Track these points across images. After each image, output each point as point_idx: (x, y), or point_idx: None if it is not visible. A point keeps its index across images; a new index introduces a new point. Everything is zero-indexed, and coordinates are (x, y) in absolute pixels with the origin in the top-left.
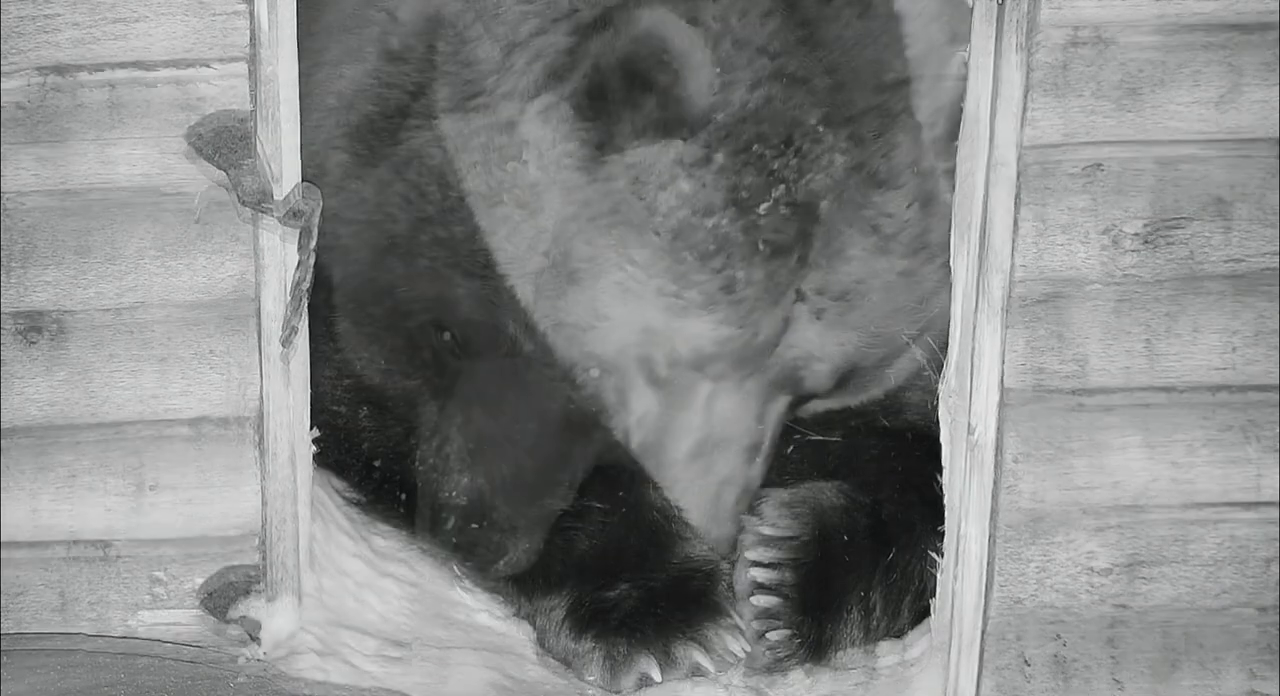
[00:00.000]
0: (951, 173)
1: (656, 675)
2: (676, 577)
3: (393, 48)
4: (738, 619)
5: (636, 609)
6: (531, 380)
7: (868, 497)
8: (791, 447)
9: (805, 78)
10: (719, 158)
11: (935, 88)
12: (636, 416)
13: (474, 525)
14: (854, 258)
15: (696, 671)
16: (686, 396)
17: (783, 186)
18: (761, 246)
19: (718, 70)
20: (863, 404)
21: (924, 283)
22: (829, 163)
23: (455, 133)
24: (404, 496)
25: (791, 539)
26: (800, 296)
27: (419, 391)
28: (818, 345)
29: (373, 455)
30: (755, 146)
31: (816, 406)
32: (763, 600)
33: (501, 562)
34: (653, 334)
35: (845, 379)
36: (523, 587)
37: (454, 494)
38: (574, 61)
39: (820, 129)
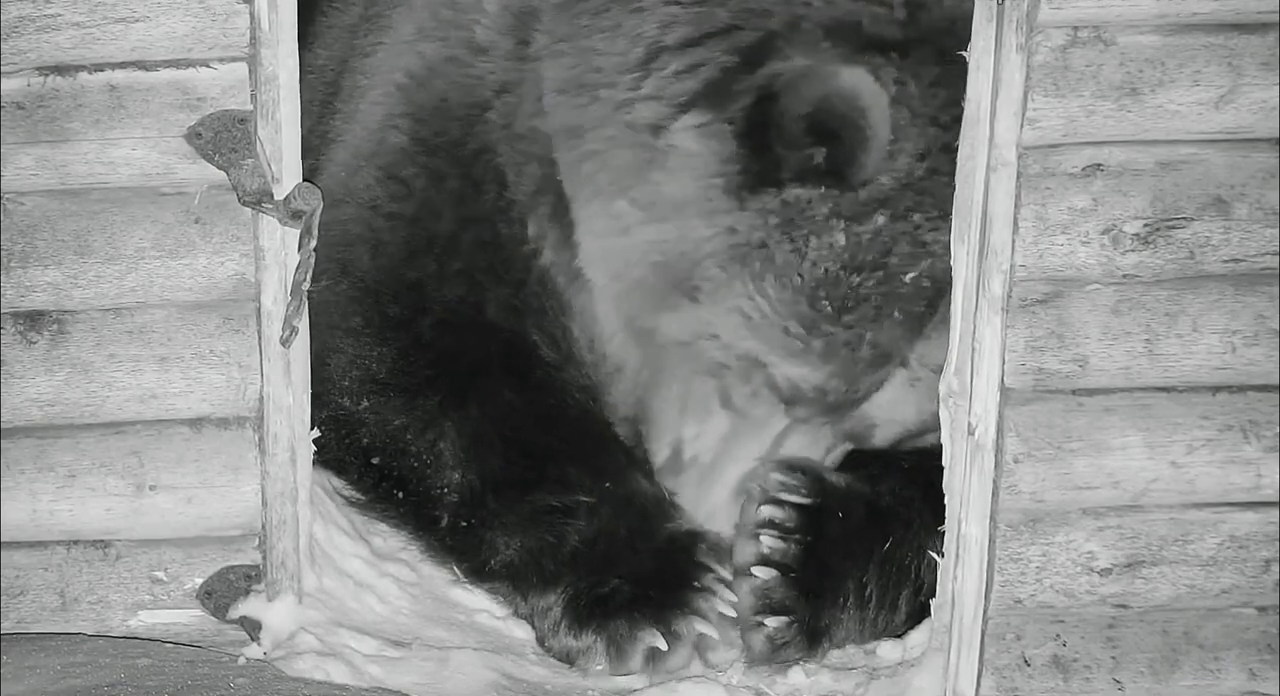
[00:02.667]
0: None
1: (662, 644)
2: (662, 556)
3: (477, 39)
4: (721, 570)
5: (631, 598)
6: (540, 379)
7: (867, 487)
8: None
9: None
10: (879, 220)
11: None
12: (695, 432)
13: (465, 523)
14: None
15: (700, 643)
16: (760, 427)
17: (930, 260)
18: (896, 313)
19: (891, 136)
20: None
21: None
22: None
23: (564, 115)
24: (401, 493)
25: (800, 505)
26: (904, 363)
27: (421, 388)
28: (901, 410)
29: (372, 450)
30: (914, 216)
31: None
32: (763, 572)
33: (494, 561)
34: (752, 363)
35: (900, 440)
36: (518, 587)
37: (446, 491)
38: (735, 83)
39: None
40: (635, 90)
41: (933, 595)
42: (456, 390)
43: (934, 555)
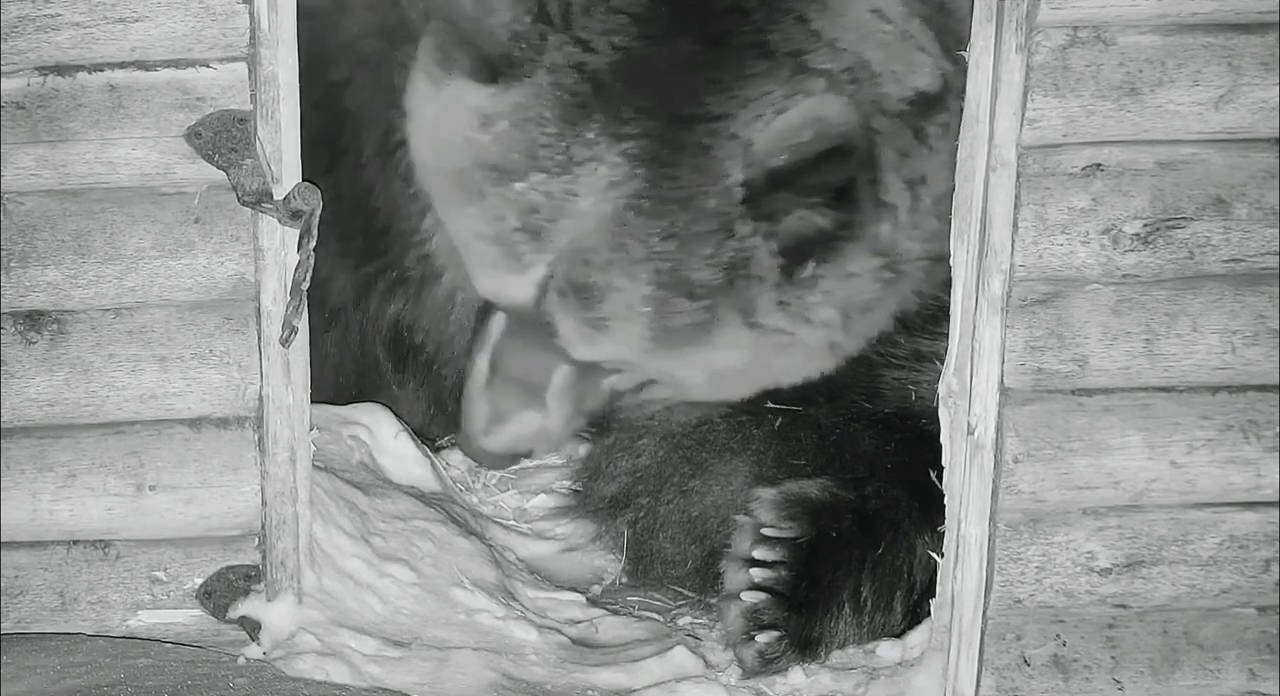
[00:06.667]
0: None
1: None
2: None
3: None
4: None
5: None
6: None
7: (852, 493)
8: (780, 420)
9: None
10: None
11: None
12: None
13: None
14: None
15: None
16: None
17: None
18: None
19: None
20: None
21: None
22: None
23: None
24: None
25: (792, 539)
26: None
27: None
28: None
29: None
30: None
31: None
32: (751, 597)
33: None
34: None
35: None
36: None
37: None
38: None
39: None
40: None
41: (928, 592)
42: None
43: (933, 555)
